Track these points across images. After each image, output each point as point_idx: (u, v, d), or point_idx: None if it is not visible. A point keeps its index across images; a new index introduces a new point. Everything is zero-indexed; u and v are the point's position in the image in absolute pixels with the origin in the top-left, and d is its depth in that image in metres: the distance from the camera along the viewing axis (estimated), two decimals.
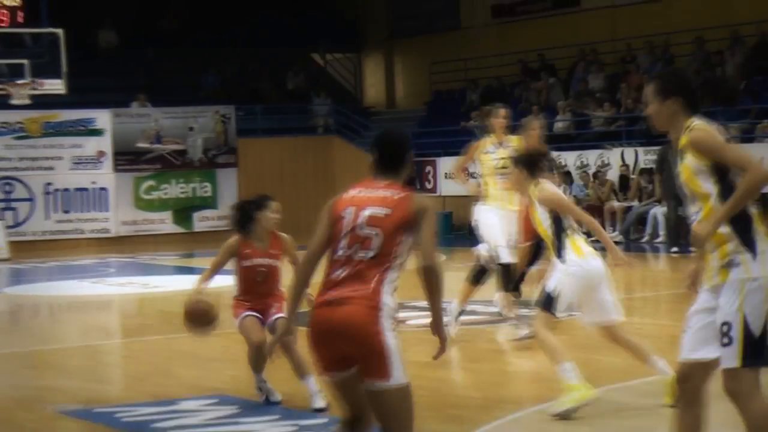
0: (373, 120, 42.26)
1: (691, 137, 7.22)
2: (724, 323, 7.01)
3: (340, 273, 6.86)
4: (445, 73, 40.49)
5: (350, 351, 6.72)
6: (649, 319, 16.01)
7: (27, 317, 20.71)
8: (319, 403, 10.49)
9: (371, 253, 6.86)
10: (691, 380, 7.23)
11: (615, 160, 30.73)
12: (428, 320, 7.00)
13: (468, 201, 33.51)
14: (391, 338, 6.76)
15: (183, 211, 36.88)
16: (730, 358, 6.97)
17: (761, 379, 7.11)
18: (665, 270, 24.98)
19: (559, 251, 10.43)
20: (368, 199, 7.04)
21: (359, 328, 6.70)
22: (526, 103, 35.32)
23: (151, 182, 36.46)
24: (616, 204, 29.32)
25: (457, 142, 36.45)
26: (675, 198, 17.84)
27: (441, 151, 35.20)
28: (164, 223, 36.15)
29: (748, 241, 7.03)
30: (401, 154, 7.27)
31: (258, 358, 10.77)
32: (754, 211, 7.11)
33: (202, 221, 36.93)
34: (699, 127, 7.19)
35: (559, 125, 34.19)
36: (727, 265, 7.03)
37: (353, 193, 7.16)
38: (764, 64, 31.61)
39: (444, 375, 12.37)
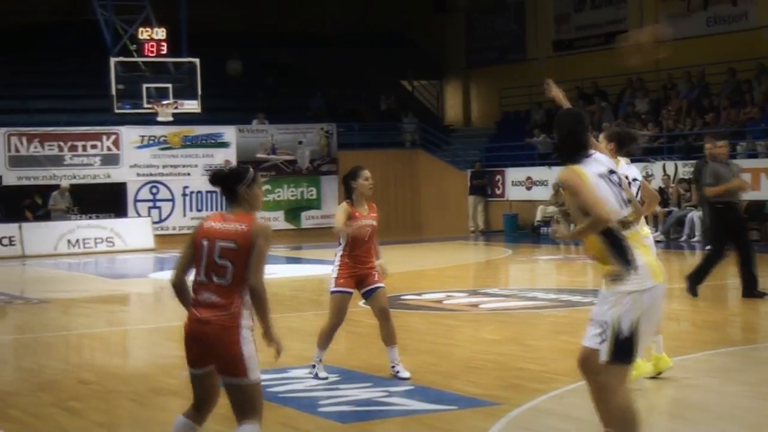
0: (452, 136, 42.57)
1: (558, 176, 7.58)
2: (603, 323, 7.12)
3: (206, 297, 7.05)
4: (513, 98, 40.44)
5: (212, 358, 7.02)
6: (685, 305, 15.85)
7: (168, 298, 20.94)
8: (404, 373, 10.57)
9: (227, 281, 7.03)
10: (588, 362, 7.30)
11: (658, 171, 30.61)
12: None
13: (531, 205, 33.92)
14: (248, 347, 6.99)
15: (292, 211, 37.59)
16: (603, 353, 7.09)
17: (628, 376, 7.23)
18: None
19: None
20: (220, 232, 7.09)
21: (224, 346, 6.95)
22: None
23: (266, 186, 36.66)
24: (658, 209, 29.23)
25: (522, 155, 36.62)
26: (708, 204, 17.68)
27: (509, 163, 35.43)
28: (277, 220, 36.52)
29: (624, 261, 7.09)
30: (233, 187, 7.21)
31: (330, 336, 10.86)
32: (625, 233, 7.16)
33: (309, 219, 37.63)
34: (565, 169, 7.33)
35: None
36: (609, 278, 7.13)
37: (208, 225, 7.21)
38: None
39: (509, 350, 12.38)
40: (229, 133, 36.33)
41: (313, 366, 10.89)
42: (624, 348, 7.05)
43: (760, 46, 33.15)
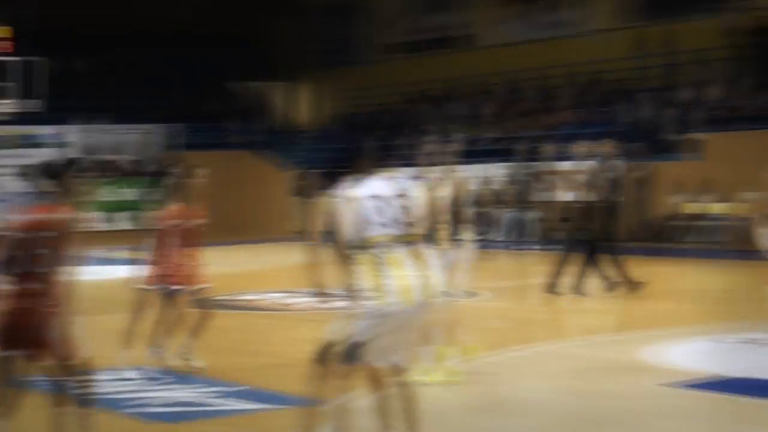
0: (285, 138, 42.20)
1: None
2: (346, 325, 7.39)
3: (27, 285, 6.97)
4: (339, 100, 40.49)
5: (32, 343, 6.99)
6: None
7: None
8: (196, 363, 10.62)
9: (47, 268, 7.00)
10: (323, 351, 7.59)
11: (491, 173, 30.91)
12: None
13: None
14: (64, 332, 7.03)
15: (136, 211, 36.80)
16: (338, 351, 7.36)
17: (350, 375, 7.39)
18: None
19: None
20: (41, 223, 7.09)
21: (44, 332, 6.94)
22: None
23: (110, 186, 36.81)
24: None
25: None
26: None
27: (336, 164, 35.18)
28: (122, 221, 35.88)
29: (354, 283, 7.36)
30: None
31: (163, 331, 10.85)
32: (362, 258, 7.32)
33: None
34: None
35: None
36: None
37: (31, 216, 7.19)
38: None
39: None
40: (70, 133, 35.86)
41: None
42: (351, 353, 7.27)
43: (572, 52, 33.58)
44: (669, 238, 26.73)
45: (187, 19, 41.22)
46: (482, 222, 29.36)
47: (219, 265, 23.96)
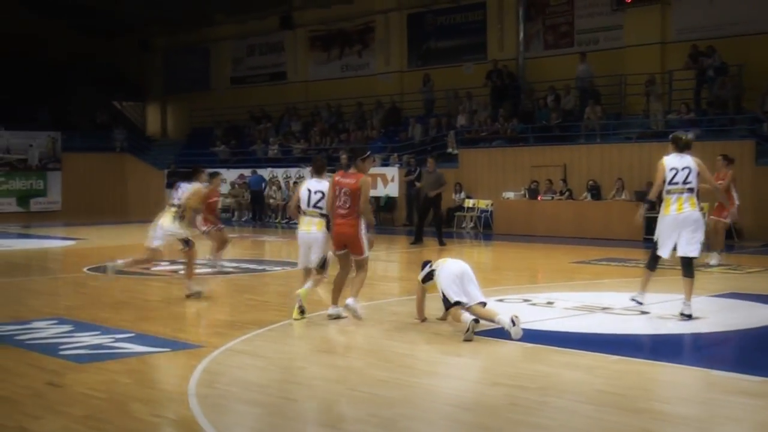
0: (153, 145, 41.75)
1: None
2: None
3: None
4: (200, 117, 40.14)
5: None
6: None
7: None
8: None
9: None
10: None
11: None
12: None
13: None
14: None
15: (23, 198, 36.29)
16: None
17: None
18: None
19: None
20: None
21: None
22: (252, 137, 35.84)
23: (2, 179, 35.51)
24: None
25: (207, 160, 36.22)
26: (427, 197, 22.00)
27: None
28: (10, 205, 35.47)
29: None
30: None
31: None
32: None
33: (36, 205, 36.35)
34: None
35: (274, 151, 34.18)
36: None
37: None
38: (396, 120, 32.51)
39: (208, 305, 11.94)
40: None
41: None
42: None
43: (377, 87, 34.26)
44: (455, 225, 27.21)
45: (81, 49, 40.23)
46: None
47: (105, 240, 23.61)
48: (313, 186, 10.77)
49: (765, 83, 24.47)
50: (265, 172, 32.29)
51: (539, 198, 25.12)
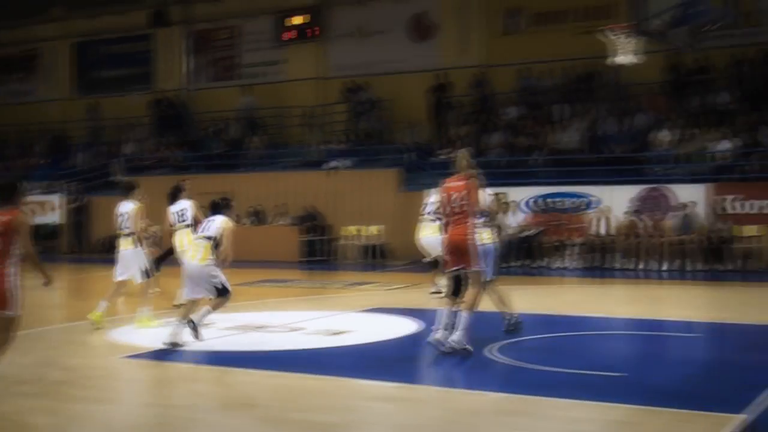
0: None
1: None
2: None
3: None
4: None
5: None
6: None
7: None
8: None
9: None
10: None
11: None
12: None
13: None
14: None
15: None
16: None
17: None
18: None
19: None
20: None
21: None
22: None
23: None
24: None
25: None
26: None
27: None
28: None
29: None
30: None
31: None
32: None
33: None
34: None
35: None
36: None
37: None
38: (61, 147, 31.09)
39: None
40: None
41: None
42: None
43: (42, 114, 32.58)
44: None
45: None
46: None
47: None
48: None
49: (411, 117, 26.11)
50: None
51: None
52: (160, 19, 30.63)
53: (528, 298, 13.92)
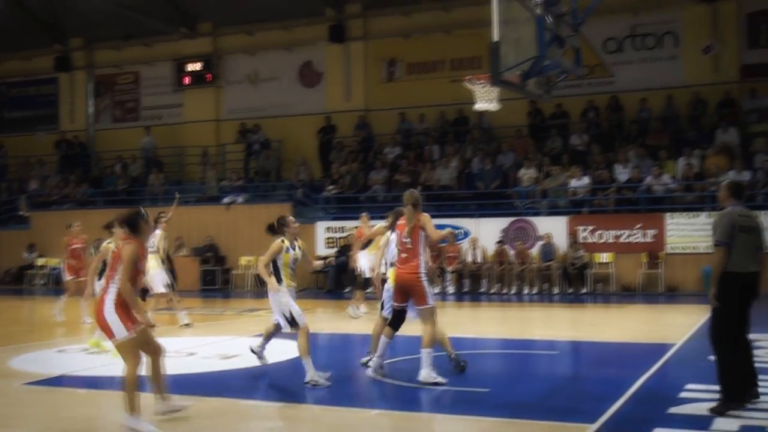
0: None
1: None
2: None
3: None
4: None
5: None
6: None
7: None
8: None
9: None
10: None
11: None
12: None
13: None
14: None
15: None
16: None
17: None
18: None
19: None
20: None
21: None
22: None
23: None
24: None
25: None
26: None
27: None
28: None
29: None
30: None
31: None
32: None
33: None
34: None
35: None
36: None
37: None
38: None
39: None
40: None
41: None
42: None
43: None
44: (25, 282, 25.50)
45: None
46: None
47: None
48: None
49: (299, 156, 26.05)
50: None
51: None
52: (64, 64, 29.94)
53: (406, 322, 13.95)
